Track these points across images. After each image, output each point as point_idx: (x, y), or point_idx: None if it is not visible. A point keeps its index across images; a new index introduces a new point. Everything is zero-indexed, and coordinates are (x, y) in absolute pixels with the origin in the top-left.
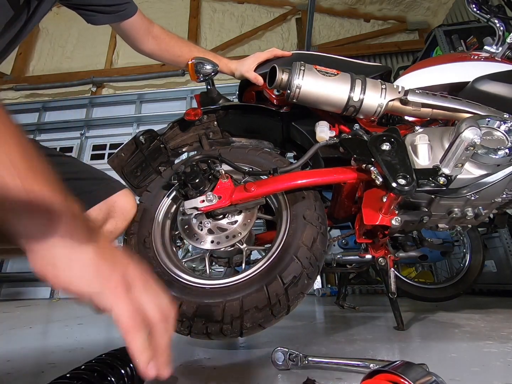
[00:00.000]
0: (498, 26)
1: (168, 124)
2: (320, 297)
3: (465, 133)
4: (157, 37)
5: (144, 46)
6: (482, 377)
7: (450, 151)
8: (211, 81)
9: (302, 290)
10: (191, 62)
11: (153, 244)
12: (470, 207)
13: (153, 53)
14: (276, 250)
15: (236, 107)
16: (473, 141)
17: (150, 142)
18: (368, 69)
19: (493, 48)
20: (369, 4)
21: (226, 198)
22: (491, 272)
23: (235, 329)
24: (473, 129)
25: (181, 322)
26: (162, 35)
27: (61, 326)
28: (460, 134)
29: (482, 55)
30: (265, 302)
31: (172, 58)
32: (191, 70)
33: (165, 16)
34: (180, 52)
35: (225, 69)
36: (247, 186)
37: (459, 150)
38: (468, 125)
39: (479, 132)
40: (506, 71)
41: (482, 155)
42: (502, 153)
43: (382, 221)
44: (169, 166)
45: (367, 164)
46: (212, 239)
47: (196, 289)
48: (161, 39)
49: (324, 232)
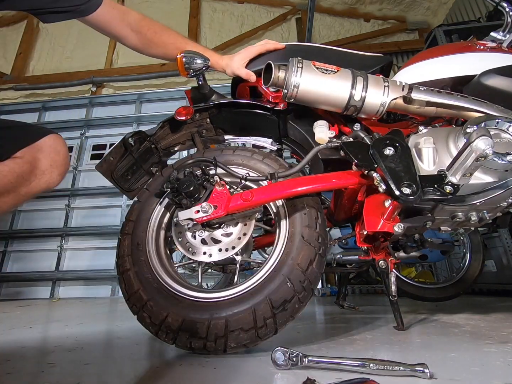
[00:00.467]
0: (508, 11)
1: (158, 123)
2: (320, 297)
3: (477, 143)
4: (137, 27)
5: (125, 40)
6: (482, 377)
7: (458, 160)
8: (203, 76)
9: (292, 314)
10: (180, 56)
11: (146, 247)
12: (475, 212)
13: (136, 46)
14: (269, 269)
15: (229, 104)
16: (484, 152)
17: (140, 144)
18: (369, 61)
19: (500, 34)
20: (369, 4)
21: (222, 208)
22: (491, 272)
23: (219, 347)
24: (485, 139)
25: (166, 333)
26: (142, 22)
27: (61, 326)
28: (470, 143)
29: (489, 45)
30: (251, 325)
31: (157, 50)
32: (180, 65)
33: (165, 16)
34: (164, 44)
35: (216, 65)
36: (244, 194)
37: (469, 160)
38: (479, 134)
39: (491, 142)
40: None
41: (490, 161)
42: (511, 158)
43: (384, 228)
44: (162, 166)
45: (370, 171)
46: (205, 251)
47: (183, 300)
48: (140, 27)
49: (323, 252)
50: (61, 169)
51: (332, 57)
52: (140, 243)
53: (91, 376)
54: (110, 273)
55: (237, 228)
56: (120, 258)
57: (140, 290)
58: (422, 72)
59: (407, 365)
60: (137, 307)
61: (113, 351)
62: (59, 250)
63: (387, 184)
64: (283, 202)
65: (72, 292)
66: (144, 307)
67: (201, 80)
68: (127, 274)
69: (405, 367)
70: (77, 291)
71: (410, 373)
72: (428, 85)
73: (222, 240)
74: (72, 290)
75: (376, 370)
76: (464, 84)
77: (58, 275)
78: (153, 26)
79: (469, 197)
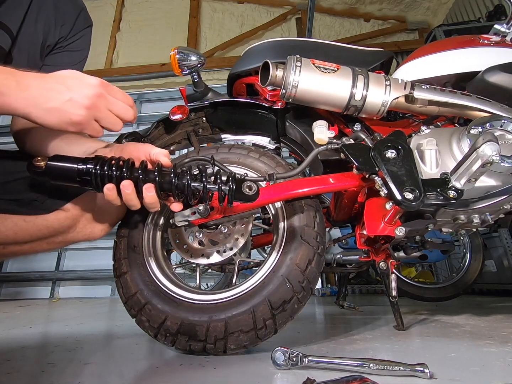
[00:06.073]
0: (511, 2)
1: (152, 123)
2: (320, 297)
3: (483, 148)
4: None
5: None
6: (482, 377)
7: (463, 165)
8: (197, 73)
9: (292, 314)
10: (173, 53)
11: (143, 250)
12: (477, 214)
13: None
14: (267, 270)
15: (225, 103)
16: (491, 158)
17: None
18: (369, 57)
19: (504, 27)
20: (369, 3)
21: (219, 210)
22: (491, 272)
23: (219, 349)
24: (491, 144)
25: (165, 336)
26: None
27: (61, 326)
28: (476, 149)
29: (492, 39)
30: (250, 326)
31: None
32: (174, 62)
33: (165, 16)
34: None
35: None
36: None
37: (474, 166)
38: (486, 140)
39: (498, 148)
40: None
41: (494, 164)
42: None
43: (385, 231)
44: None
45: (371, 174)
46: (203, 253)
47: (181, 303)
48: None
49: (322, 251)
50: (106, 224)
51: (331, 53)
52: (136, 246)
53: (91, 376)
54: (110, 273)
55: (234, 229)
56: (116, 261)
57: (138, 293)
58: (423, 68)
59: (407, 365)
60: (135, 311)
61: (113, 351)
62: (59, 250)
63: (388, 189)
64: (281, 202)
65: (72, 292)
66: (142, 311)
67: (196, 77)
68: (124, 278)
69: (405, 367)
70: (77, 291)
71: (410, 373)
72: (430, 82)
73: (220, 242)
74: (72, 290)
75: (376, 370)
76: (467, 80)
77: (58, 275)
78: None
79: (473, 202)
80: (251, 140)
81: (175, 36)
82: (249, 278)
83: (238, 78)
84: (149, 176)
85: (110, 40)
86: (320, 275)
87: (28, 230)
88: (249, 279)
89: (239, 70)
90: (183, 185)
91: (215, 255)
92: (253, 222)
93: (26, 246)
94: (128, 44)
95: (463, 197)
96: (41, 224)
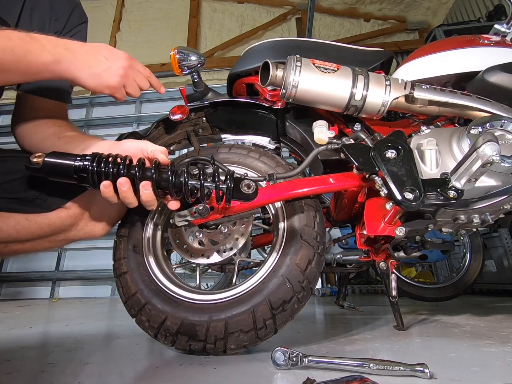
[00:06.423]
0: (511, 2)
1: (152, 123)
2: (320, 297)
3: (483, 149)
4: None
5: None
6: (482, 377)
7: (463, 165)
8: (197, 73)
9: (292, 314)
10: (173, 52)
11: (143, 250)
12: (477, 214)
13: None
14: (267, 270)
15: (225, 103)
16: (491, 159)
17: None
18: (369, 57)
19: (504, 27)
20: (369, 3)
21: (219, 210)
22: (491, 272)
23: (219, 349)
24: (492, 144)
25: (165, 336)
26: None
27: (61, 326)
28: (477, 149)
29: (492, 39)
30: (251, 326)
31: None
32: (173, 62)
33: (165, 16)
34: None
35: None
36: None
37: (475, 166)
38: (486, 140)
39: (498, 148)
40: None
41: (494, 164)
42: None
43: (385, 231)
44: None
45: (371, 174)
46: (203, 253)
47: (181, 303)
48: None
49: (322, 251)
50: (107, 223)
51: (331, 53)
52: (136, 245)
53: (91, 376)
54: (110, 273)
55: (234, 229)
56: (116, 261)
57: (138, 293)
58: (423, 68)
59: (407, 365)
60: (135, 311)
61: (113, 351)
62: (59, 250)
63: (389, 189)
64: (281, 202)
65: (72, 292)
66: (142, 310)
67: (196, 77)
68: (124, 277)
69: (405, 367)
70: (77, 291)
71: (410, 373)
72: (430, 82)
73: (220, 242)
74: (72, 290)
75: (376, 370)
76: (467, 80)
77: (58, 275)
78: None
79: (473, 202)
80: (251, 140)
81: (175, 36)
82: (249, 278)
83: (238, 78)
84: (146, 173)
85: (110, 40)
86: (320, 275)
87: (30, 228)
88: (249, 279)
89: (239, 70)
90: (180, 183)
91: (215, 255)
92: (253, 222)
93: (28, 245)
94: (128, 44)
95: (463, 197)
96: (43, 222)
